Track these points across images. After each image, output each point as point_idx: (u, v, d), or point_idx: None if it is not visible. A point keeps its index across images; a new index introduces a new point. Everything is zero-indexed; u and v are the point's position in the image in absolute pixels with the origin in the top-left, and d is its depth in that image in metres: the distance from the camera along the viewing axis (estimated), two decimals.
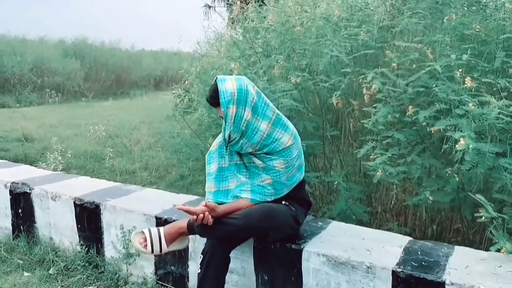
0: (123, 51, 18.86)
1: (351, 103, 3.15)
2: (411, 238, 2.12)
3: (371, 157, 2.59)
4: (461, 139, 2.06)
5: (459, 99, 2.23)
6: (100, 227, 2.48)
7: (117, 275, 2.42)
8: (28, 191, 2.72)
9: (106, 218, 2.46)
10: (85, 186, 2.78)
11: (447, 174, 2.45)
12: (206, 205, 1.79)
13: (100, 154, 5.52)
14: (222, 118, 1.90)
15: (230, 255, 1.93)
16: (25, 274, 2.48)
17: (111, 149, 5.42)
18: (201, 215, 1.78)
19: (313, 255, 1.94)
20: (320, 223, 2.28)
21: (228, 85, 1.89)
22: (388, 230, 2.36)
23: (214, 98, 1.89)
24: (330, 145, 3.43)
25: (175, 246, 1.99)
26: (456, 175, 2.37)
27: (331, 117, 3.42)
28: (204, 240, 1.93)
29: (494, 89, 2.23)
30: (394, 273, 1.78)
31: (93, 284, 2.40)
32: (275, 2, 3.98)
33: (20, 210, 2.75)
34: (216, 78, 1.94)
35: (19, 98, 12.85)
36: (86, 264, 2.49)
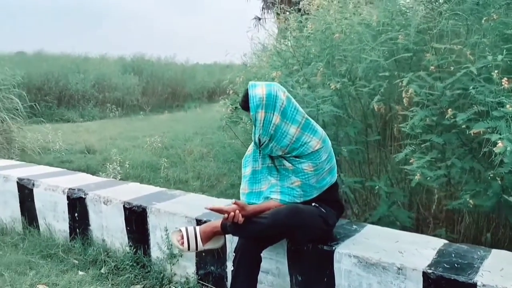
0: (178, 66, 19.57)
1: (392, 108, 3.16)
2: (446, 241, 2.10)
3: (410, 161, 2.58)
4: (499, 141, 2.03)
5: (497, 101, 2.19)
6: (147, 229, 2.64)
7: (162, 274, 2.56)
8: (83, 196, 2.95)
9: (152, 220, 2.62)
10: (134, 191, 2.97)
11: (489, 178, 2.40)
12: (236, 203, 1.89)
13: (156, 164, 5.73)
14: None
15: (262, 254, 2.01)
16: (80, 273, 2.69)
17: (165, 160, 5.64)
18: (232, 213, 1.88)
19: (345, 256, 1.97)
20: (355, 226, 2.30)
21: (258, 90, 1.98)
22: (435, 236, 2.30)
23: (244, 103, 2.00)
24: (372, 150, 3.42)
25: (210, 245, 2.10)
26: (498, 179, 2.32)
27: (373, 122, 3.42)
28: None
29: None
30: (425, 274, 1.78)
31: (140, 283, 2.56)
32: (315, 11, 4.05)
33: (76, 214, 2.99)
34: (249, 85, 2.04)
35: (83, 113, 13.65)
36: (134, 264, 2.65)
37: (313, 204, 2.04)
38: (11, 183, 3.37)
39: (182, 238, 2.06)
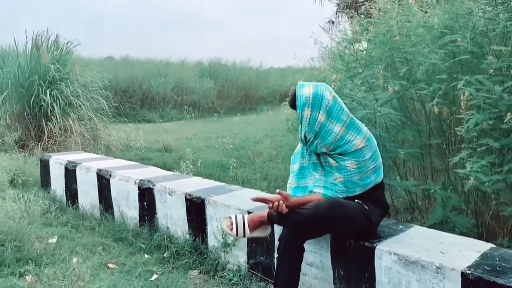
0: (252, 70, 20.03)
1: (451, 111, 3.11)
2: (494, 246, 2.07)
3: (465, 164, 2.55)
4: None
5: None
6: (205, 219, 2.86)
7: (217, 261, 2.76)
8: (151, 187, 3.24)
9: (209, 211, 2.83)
10: (196, 184, 3.21)
11: None
12: (279, 193, 2.02)
13: (226, 164, 5.97)
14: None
15: (306, 246, 2.13)
16: (145, 256, 2.96)
17: (235, 160, 5.88)
18: (276, 203, 2.02)
19: (385, 253, 2.03)
20: (401, 227, 2.33)
21: (305, 90, 2.11)
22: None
23: (292, 102, 2.14)
24: (430, 154, 3.38)
25: (257, 233, 2.25)
26: None
27: (432, 125, 3.38)
28: None
29: None
30: (463, 274, 1.79)
31: (197, 268, 2.77)
32: (379, 14, 4.06)
33: (145, 203, 3.29)
34: (298, 85, 2.17)
35: (162, 114, 14.49)
36: (193, 251, 2.88)
37: (356, 200, 2.12)
38: (92, 173, 3.78)
39: (232, 224, 2.23)
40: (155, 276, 2.64)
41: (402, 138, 3.49)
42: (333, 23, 17.53)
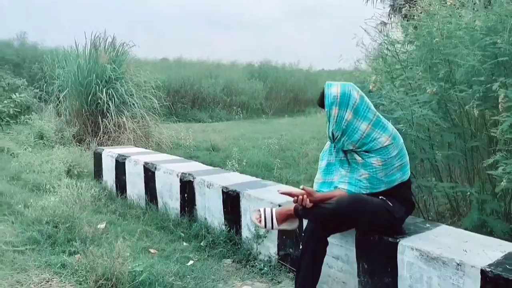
0: (301, 72, 20.06)
1: (490, 113, 3.07)
2: None
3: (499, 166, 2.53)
4: None
5: None
6: (239, 211, 3.00)
7: (249, 252, 2.90)
8: (191, 180, 3.43)
9: (243, 204, 2.97)
10: (233, 179, 3.37)
11: None
12: (303, 189, 2.13)
13: (271, 164, 6.07)
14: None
15: (330, 240, 2.21)
16: (184, 243, 3.15)
17: (280, 161, 5.97)
18: (300, 197, 2.12)
19: (407, 249, 2.08)
20: (428, 225, 2.36)
21: (333, 89, 2.20)
22: None
23: (321, 100, 2.23)
24: (467, 156, 3.34)
25: (284, 226, 2.36)
26: None
27: (471, 127, 3.33)
28: None
29: None
30: (483, 272, 1.81)
31: (231, 257, 2.92)
32: (423, 16, 4.03)
33: (185, 195, 3.49)
34: (326, 84, 2.26)
35: (212, 115, 14.89)
36: (227, 241, 3.03)
37: (380, 197, 2.18)
38: (139, 166, 4.03)
39: (260, 217, 2.36)
40: (191, 262, 2.82)
41: (441, 140, 3.47)
42: (385, 24, 17.27)
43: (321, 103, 2.25)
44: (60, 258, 2.55)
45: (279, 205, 2.69)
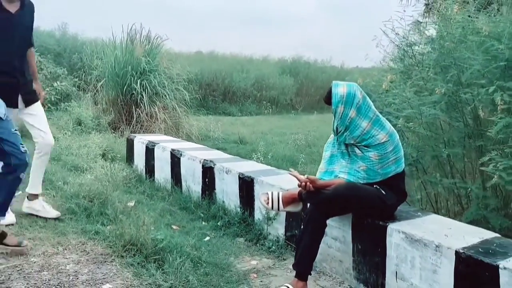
0: (333, 68, 20.10)
1: (491, 114, 3.24)
2: (499, 235, 2.28)
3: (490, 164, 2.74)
4: None
5: None
6: (253, 195, 3.31)
7: (260, 232, 3.20)
8: (212, 166, 3.76)
9: (257, 189, 3.27)
10: (250, 167, 3.68)
11: None
12: (308, 177, 2.41)
13: (296, 159, 6.27)
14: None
15: (331, 223, 2.49)
16: (203, 223, 3.49)
17: (305, 156, 6.18)
18: (303, 184, 2.41)
19: (395, 231, 2.33)
20: (419, 213, 2.61)
21: (340, 89, 2.46)
22: None
23: (328, 98, 2.50)
24: (474, 154, 3.52)
25: (289, 208, 2.65)
26: None
27: (478, 127, 3.51)
28: None
29: None
30: (457, 253, 2.05)
31: (243, 236, 3.23)
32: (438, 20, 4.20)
33: (206, 180, 3.82)
34: (333, 84, 2.53)
35: (242, 108, 15.19)
36: (241, 222, 3.34)
37: (374, 186, 2.44)
38: (167, 152, 4.40)
39: (268, 199, 2.65)
40: (207, 238, 3.15)
41: (448, 138, 3.66)
42: (420, 23, 17.12)
43: (327, 101, 2.52)
44: (94, 227, 2.94)
45: (287, 190, 2.98)
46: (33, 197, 3.13)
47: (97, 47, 8.96)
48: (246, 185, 3.37)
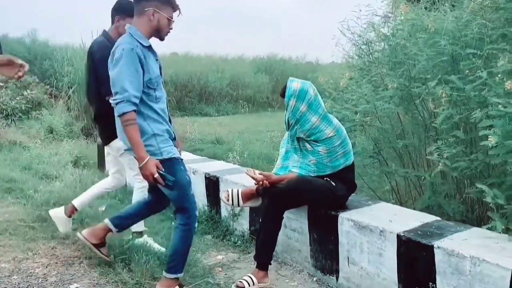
0: (307, 65, 20.33)
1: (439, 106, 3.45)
2: (440, 219, 2.48)
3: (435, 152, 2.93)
4: (490, 137, 2.33)
5: (500, 102, 2.45)
6: (219, 194, 3.45)
7: (226, 228, 3.35)
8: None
9: (222, 187, 3.42)
10: (216, 166, 3.83)
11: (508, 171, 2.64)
12: (262, 174, 2.57)
13: (272, 156, 6.31)
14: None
15: (290, 215, 2.66)
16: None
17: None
18: (260, 182, 2.57)
19: (345, 220, 2.51)
20: (369, 202, 2.80)
21: (294, 84, 2.64)
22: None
23: (282, 92, 2.69)
24: (427, 144, 3.73)
25: (249, 203, 2.80)
26: None
27: (430, 119, 3.72)
28: None
29: None
30: (398, 236, 2.24)
31: (211, 233, 3.38)
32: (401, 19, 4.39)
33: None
34: (289, 80, 2.70)
35: (218, 108, 15.26)
36: (209, 219, 3.49)
37: (325, 178, 2.61)
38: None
39: (228, 196, 2.80)
40: None
41: (403, 130, 3.87)
42: (389, 17, 17.46)
43: (282, 94, 2.70)
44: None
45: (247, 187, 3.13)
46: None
47: (68, 53, 8.95)
48: (212, 184, 3.52)
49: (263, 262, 2.58)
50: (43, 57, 12.27)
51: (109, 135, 2.95)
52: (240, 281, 2.49)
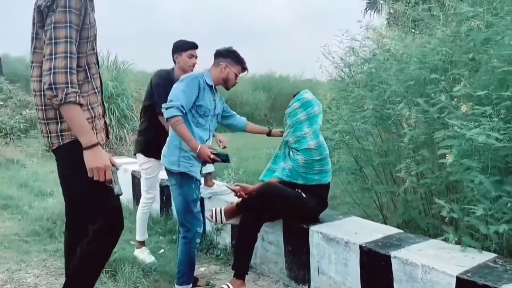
0: (304, 83, 20.65)
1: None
2: (402, 231, 2.67)
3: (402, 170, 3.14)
4: (448, 155, 2.54)
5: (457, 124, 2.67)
6: (203, 210, 3.64)
7: (210, 242, 3.54)
8: (168, 185, 4.08)
9: (207, 205, 3.63)
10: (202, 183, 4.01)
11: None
12: (237, 185, 2.81)
13: None
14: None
15: (267, 229, 2.86)
16: (160, 237, 3.80)
17: None
18: (238, 193, 2.80)
19: (315, 233, 2.70)
20: (340, 216, 3.00)
21: (307, 95, 2.96)
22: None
23: (295, 95, 2.99)
24: (400, 162, 3.93)
25: (231, 221, 2.98)
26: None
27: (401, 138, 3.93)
28: None
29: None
30: (361, 247, 2.43)
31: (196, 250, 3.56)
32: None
33: (164, 197, 4.15)
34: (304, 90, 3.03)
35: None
36: None
37: (296, 189, 2.82)
38: (128, 174, 4.71)
39: (212, 214, 2.99)
40: (162, 250, 3.47)
41: (378, 149, 4.08)
42: (382, 37, 17.83)
43: (293, 96, 3.00)
44: (56, 245, 3.23)
45: (237, 204, 3.32)
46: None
47: None
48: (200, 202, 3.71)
49: (240, 271, 2.76)
50: None
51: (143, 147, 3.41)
52: None
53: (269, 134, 3.31)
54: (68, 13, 1.71)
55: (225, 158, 2.64)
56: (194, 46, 3.31)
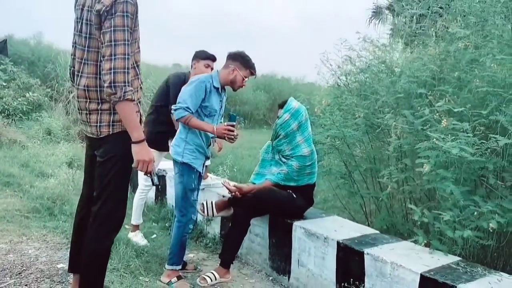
0: (306, 86, 20.84)
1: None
2: (378, 232, 2.89)
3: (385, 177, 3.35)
4: (425, 165, 2.76)
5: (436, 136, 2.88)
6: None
7: (200, 231, 3.74)
8: (164, 174, 4.30)
9: (200, 195, 3.80)
10: None
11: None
12: (235, 185, 3.00)
13: None
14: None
15: (252, 222, 3.05)
16: (154, 224, 4.01)
17: None
18: (233, 193, 2.99)
19: (298, 227, 2.91)
20: (324, 215, 3.21)
21: (294, 103, 3.12)
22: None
23: (282, 104, 3.16)
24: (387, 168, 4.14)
25: (222, 213, 3.19)
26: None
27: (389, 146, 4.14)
28: None
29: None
30: (338, 243, 2.64)
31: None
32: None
33: (159, 186, 4.35)
34: (290, 98, 3.19)
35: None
36: None
37: (288, 190, 3.03)
38: None
39: (203, 207, 3.19)
40: (154, 236, 3.67)
41: (367, 155, 4.29)
42: (386, 46, 18.04)
43: (281, 105, 3.16)
44: (55, 223, 3.43)
45: (229, 198, 3.53)
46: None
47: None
48: None
49: (226, 260, 2.97)
50: (46, 60, 12.38)
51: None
52: (204, 276, 2.88)
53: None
54: (125, 18, 1.89)
55: (233, 119, 2.91)
56: (212, 57, 3.53)
